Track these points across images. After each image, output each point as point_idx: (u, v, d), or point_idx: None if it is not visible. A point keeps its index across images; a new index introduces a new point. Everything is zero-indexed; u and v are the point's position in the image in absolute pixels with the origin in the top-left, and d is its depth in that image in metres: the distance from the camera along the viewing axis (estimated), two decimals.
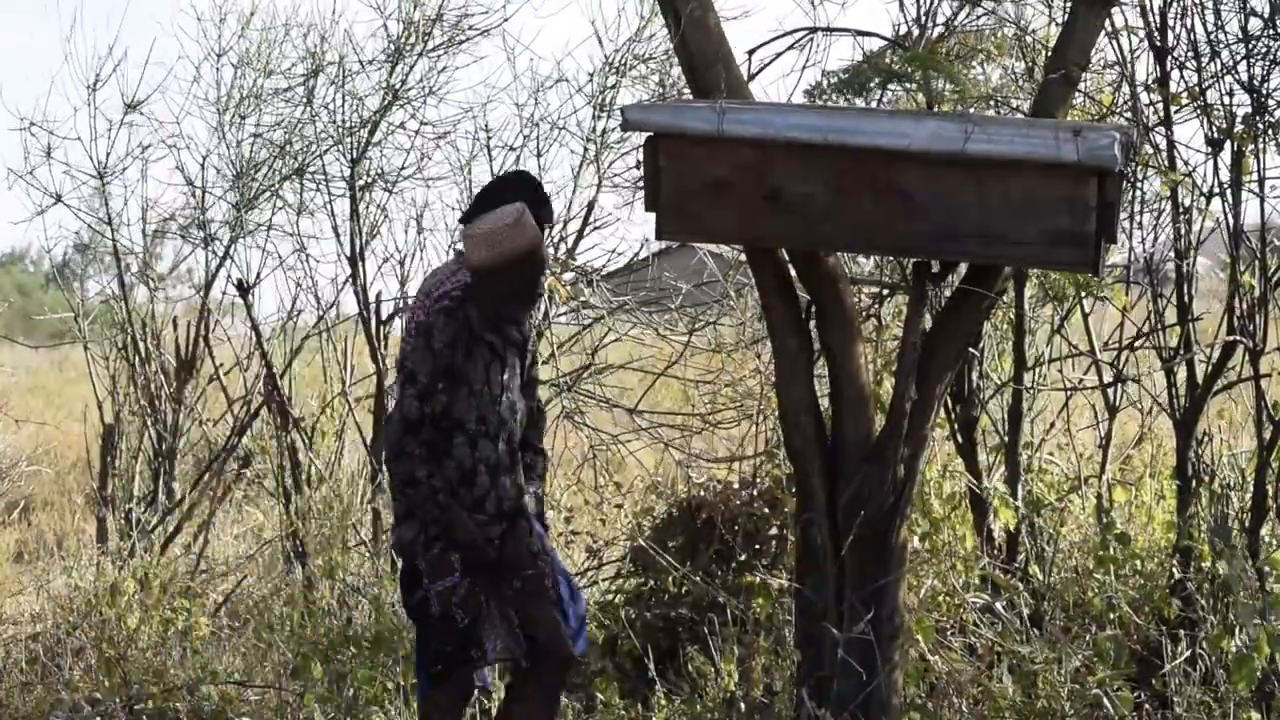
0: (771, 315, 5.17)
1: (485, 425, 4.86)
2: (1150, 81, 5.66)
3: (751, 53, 5.53)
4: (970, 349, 5.79)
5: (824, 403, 5.24)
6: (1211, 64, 5.51)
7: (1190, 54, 5.56)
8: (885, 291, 6.14)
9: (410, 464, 4.79)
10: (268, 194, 8.06)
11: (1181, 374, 5.67)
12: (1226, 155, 5.49)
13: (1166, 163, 5.61)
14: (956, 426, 6.04)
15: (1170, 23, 5.57)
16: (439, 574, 4.84)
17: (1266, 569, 5.35)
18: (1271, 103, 5.44)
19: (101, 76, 8.28)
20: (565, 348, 7.53)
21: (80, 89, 8.30)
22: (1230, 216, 5.48)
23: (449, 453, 4.84)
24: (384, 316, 7.61)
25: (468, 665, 4.91)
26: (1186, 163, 5.62)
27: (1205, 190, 5.54)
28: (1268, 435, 5.46)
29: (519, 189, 4.98)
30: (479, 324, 4.85)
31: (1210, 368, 5.59)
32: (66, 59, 8.86)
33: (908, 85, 5.98)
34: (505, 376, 4.92)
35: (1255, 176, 5.48)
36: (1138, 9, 5.62)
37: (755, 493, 6.44)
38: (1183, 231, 5.57)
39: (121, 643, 6.69)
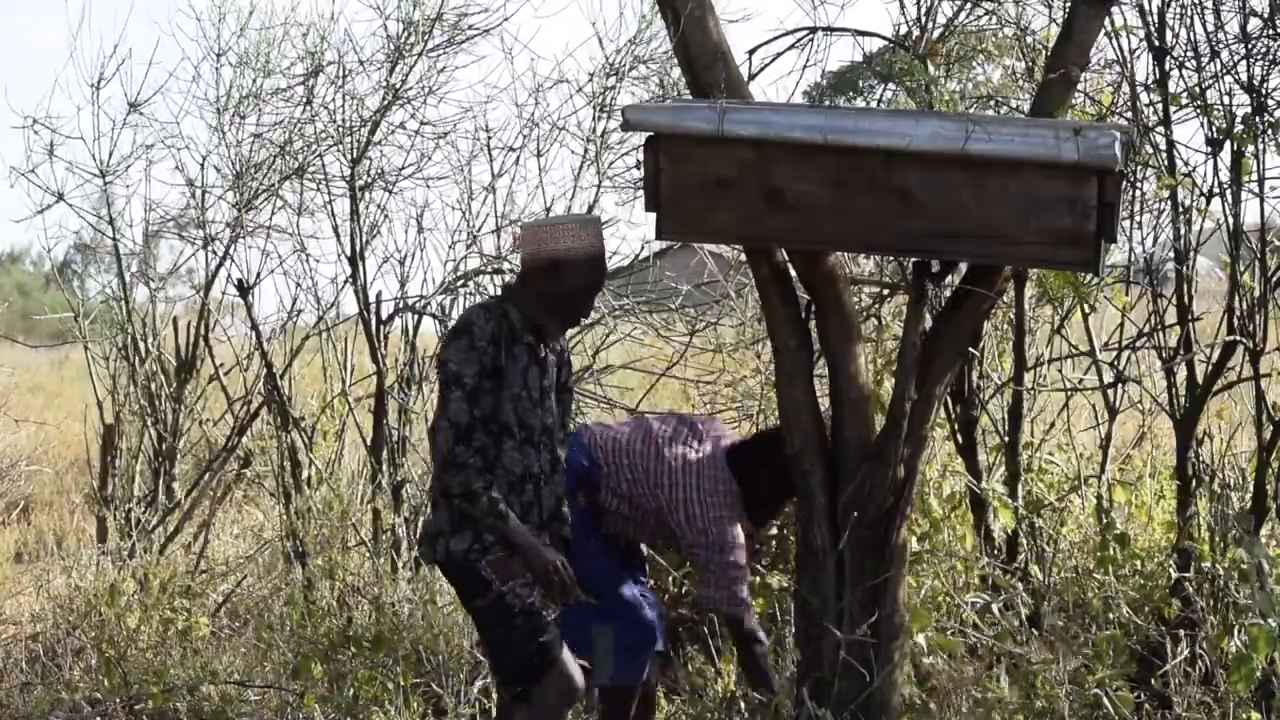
0: (771, 315, 5.16)
1: (527, 430, 4.65)
2: (1150, 81, 5.66)
3: (752, 52, 5.53)
4: (970, 349, 5.78)
5: (824, 403, 5.24)
6: (1211, 64, 5.51)
7: (1190, 54, 5.55)
8: (885, 291, 6.14)
9: (465, 476, 4.54)
10: (268, 194, 8.05)
11: (1181, 374, 5.66)
12: (1226, 155, 5.48)
13: (1166, 163, 5.61)
14: (956, 426, 6.04)
15: (1170, 23, 5.57)
16: (508, 575, 4.61)
17: (1267, 568, 5.34)
18: (1271, 103, 5.43)
19: (105, 76, 8.30)
20: None
21: (84, 88, 8.31)
22: (1230, 217, 5.48)
23: (499, 459, 4.61)
24: (384, 316, 7.60)
25: (558, 663, 4.63)
26: (1186, 163, 5.62)
27: (1205, 190, 5.54)
28: (1268, 435, 5.46)
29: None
30: (519, 323, 4.68)
31: (1210, 368, 5.58)
32: (72, 57, 8.85)
33: (906, 84, 5.97)
34: (545, 382, 4.72)
35: (1255, 176, 5.47)
36: (1137, 9, 5.62)
37: None
38: (1182, 232, 5.57)
39: (121, 643, 6.69)
